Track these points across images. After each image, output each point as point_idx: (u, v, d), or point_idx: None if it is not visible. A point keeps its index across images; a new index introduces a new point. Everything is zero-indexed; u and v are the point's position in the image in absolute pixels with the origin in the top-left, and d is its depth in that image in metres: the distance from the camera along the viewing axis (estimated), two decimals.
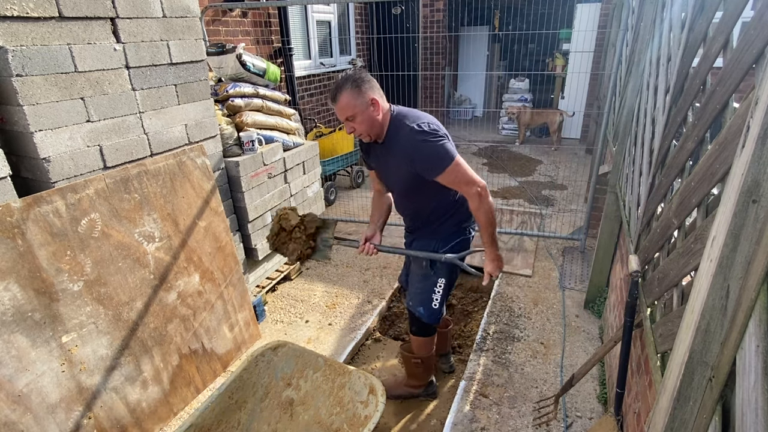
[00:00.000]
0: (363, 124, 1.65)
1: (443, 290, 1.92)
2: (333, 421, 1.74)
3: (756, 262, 0.65)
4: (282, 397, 1.81)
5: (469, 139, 7.60)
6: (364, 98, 1.61)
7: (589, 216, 3.50)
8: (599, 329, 2.68)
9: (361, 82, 1.60)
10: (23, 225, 1.58)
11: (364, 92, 1.60)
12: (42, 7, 1.65)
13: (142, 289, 1.98)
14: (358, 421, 1.67)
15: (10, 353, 1.54)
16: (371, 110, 1.63)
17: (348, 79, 1.61)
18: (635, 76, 2.38)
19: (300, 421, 1.77)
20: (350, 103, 1.60)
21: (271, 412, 1.79)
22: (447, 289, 1.96)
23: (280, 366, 1.83)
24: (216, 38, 3.92)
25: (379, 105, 1.64)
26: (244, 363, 1.75)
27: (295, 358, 1.84)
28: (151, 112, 2.15)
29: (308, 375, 1.81)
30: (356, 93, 1.60)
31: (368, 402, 1.68)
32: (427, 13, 6.87)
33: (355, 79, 1.60)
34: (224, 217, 2.45)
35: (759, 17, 0.86)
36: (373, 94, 1.62)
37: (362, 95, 1.60)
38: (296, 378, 1.82)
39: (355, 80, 1.60)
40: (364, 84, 1.61)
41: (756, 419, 0.60)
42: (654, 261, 1.49)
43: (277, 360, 1.83)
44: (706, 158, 1.05)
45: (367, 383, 1.73)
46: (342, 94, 1.60)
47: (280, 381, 1.82)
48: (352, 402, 1.72)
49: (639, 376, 1.59)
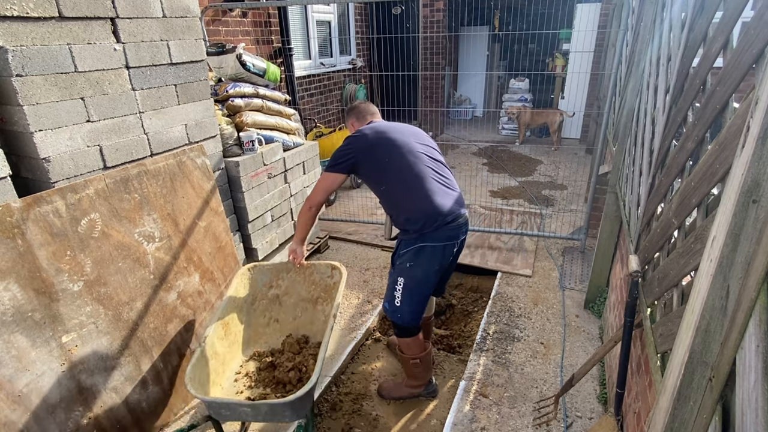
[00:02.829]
0: None
1: (403, 290, 1.97)
2: (312, 295, 2.26)
3: (756, 262, 0.65)
4: (269, 295, 2.26)
5: (469, 139, 7.60)
6: (348, 122, 2.29)
7: (589, 216, 3.50)
8: (599, 329, 2.68)
9: (349, 112, 2.28)
10: (23, 225, 1.58)
11: (348, 120, 2.29)
12: (42, 7, 1.65)
13: (142, 289, 1.98)
14: (330, 287, 2.23)
15: (10, 353, 1.54)
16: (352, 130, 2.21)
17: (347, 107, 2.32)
18: (635, 76, 2.38)
19: (288, 304, 2.28)
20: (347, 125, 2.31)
21: (263, 307, 2.25)
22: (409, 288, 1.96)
23: (259, 278, 2.24)
24: (216, 38, 3.92)
25: (352, 125, 2.24)
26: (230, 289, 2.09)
27: (268, 270, 2.26)
28: (151, 112, 2.15)
29: (283, 276, 2.27)
30: (346, 117, 2.30)
31: (333, 275, 2.22)
32: (427, 13, 6.87)
33: (348, 108, 2.30)
34: (224, 217, 2.45)
35: (759, 17, 0.86)
36: (352, 119, 2.25)
37: (347, 122, 2.30)
38: (275, 281, 2.27)
39: (348, 109, 2.29)
40: (348, 114, 2.28)
41: (756, 419, 0.60)
42: (654, 261, 1.49)
43: (254, 275, 2.23)
44: (706, 158, 1.05)
45: (328, 265, 2.24)
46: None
47: (263, 287, 2.25)
48: (322, 279, 2.24)
49: (639, 376, 1.59)
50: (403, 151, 1.95)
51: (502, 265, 3.41)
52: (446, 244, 1.94)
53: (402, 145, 1.96)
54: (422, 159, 1.97)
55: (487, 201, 4.73)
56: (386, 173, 1.95)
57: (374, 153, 1.97)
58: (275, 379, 2.02)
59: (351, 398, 2.36)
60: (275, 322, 2.27)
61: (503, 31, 8.99)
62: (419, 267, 1.94)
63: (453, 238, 1.95)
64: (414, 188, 1.91)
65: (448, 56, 7.67)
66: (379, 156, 1.96)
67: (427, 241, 1.92)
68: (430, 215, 1.89)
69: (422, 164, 1.95)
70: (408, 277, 1.96)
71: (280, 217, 3.14)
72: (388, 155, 1.94)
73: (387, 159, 1.94)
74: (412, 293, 1.97)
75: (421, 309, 2.03)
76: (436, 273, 1.97)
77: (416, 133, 2.08)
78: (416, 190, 1.91)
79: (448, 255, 1.98)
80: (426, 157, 1.99)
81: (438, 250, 1.93)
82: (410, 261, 1.94)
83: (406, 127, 2.09)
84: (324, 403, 2.32)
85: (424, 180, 1.92)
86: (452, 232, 1.94)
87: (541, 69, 9.07)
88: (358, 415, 2.27)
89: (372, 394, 2.39)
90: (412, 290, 1.97)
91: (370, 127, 2.05)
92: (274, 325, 2.26)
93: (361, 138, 2.00)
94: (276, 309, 2.27)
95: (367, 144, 1.98)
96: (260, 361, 2.13)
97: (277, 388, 2.00)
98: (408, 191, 1.92)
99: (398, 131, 2.02)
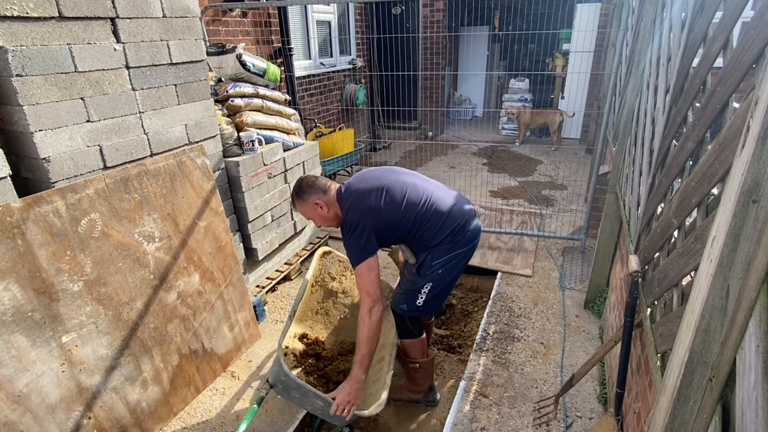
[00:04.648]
0: (319, 221, 1.94)
1: (430, 292, 1.98)
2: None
3: (756, 262, 0.65)
4: (329, 286, 2.45)
5: (469, 139, 7.60)
6: (308, 204, 1.89)
7: (589, 216, 3.50)
8: (599, 329, 2.68)
9: (302, 192, 1.89)
10: (23, 225, 1.58)
11: (306, 199, 1.88)
12: (42, 7, 1.65)
13: (142, 289, 1.98)
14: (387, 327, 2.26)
15: (10, 353, 1.54)
16: (318, 210, 1.90)
17: (294, 192, 1.92)
18: (635, 76, 2.38)
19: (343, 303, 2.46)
20: (302, 211, 1.94)
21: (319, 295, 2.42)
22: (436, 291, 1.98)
23: (328, 265, 2.43)
24: (216, 38, 3.92)
25: (321, 203, 1.88)
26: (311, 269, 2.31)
27: (339, 262, 2.46)
28: (151, 112, 2.15)
29: (348, 276, 2.44)
30: (301, 202, 1.90)
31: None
32: (427, 13, 6.87)
33: (297, 190, 1.90)
34: (224, 217, 2.46)
35: (759, 17, 0.86)
36: (315, 197, 1.87)
37: (306, 203, 1.89)
38: (340, 276, 2.45)
39: (298, 191, 1.90)
40: (305, 192, 1.88)
41: (756, 419, 0.60)
42: (654, 261, 1.49)
43: (325, 262, 2.43)
44: (706, 158, 1.05)
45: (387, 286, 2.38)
46: (295, 206, 1.95)
47: (327, 275, 2.43)
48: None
49: (639, 376, 1.59)
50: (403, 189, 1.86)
51: (502, 265, 3.41)
52: (473, 244, 1.98)
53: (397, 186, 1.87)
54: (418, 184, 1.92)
55: (487, 201, 4.73)
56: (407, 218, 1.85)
57: (388, 212, 1.82)
58: (322, 372, 2.14)
59: None
60: (325, 314, 2.43)
61: (503, 31, 8.99)
62: (450, 272, 1.96)
63: (476, 236, 2.00)
64: (436, 211, 1.87)
65: (448, 56, 7.67)
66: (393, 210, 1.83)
67: (459, 248, 1.92)
68: (458, 224, 1.90)
69: (422, 187, 1.92)
70: (437, 282, 1.96)
71: (280, 217, 3.14)
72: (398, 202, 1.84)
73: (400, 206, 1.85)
74: (438, 294, 2.01)
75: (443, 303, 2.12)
76: (460, 272, 2.05)
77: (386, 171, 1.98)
78: (438, 212, 1.87)
79: (471, 253, 2.03)
80: (416, 179, 1.96)
81: (466, 253, 1.98)
82: (442, 268, 1.94)
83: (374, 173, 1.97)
84: None
85: (436, 199, 1.90)
86: (473, 233, 1.97)
87: (541, 69, 9.06)
88: None
89: None
90: (439, 292, 2.01)
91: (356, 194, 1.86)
92: (323, 316, 2.42)
93: (364, 209, 1.81)
94: (330, 302, 2.43)
95: (376, 210, 1.81)
96: (307, 346, 2.28)
97: (319, 381, 2.14)
98: (432, 217, 1.86)
99: (376, 179, 1.91)
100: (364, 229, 1.76)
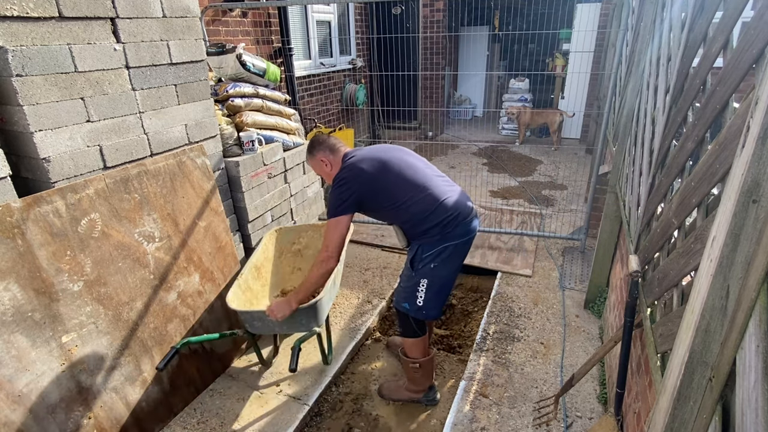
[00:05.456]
0: (326, 178, 2.08)
1: (428, 290, 1.99)
2: None
3: (756, 262, 0.65)
4: (292, 250, 2.83)
5: (469, 139, 7.60)
6: (315, 159, 2.05)
7: (589, 216, 3.50)
8: (599, 329, 2.68)
9: (312, 147, 2.05)
10: (23, 225, 1.58)
11: (315, 155, 2.04)
12: (42, 7, 1.65)
13: (142, 289, 1.98)
14: None
15: (10, 353, 1.54)
16: (324, 167, 2.04)
17: (307, 147, 2.09)
18: (635, 76, 2.38)
19: (307, 255, 2.82)
20: (311, 165, 2.11)
21: (288, 260, 2.82)
22: (434, 288, 1.98)
23: (285, 238, 2.80)
24: (216, 38, 3.92)
25: (328, 161, 2.01)
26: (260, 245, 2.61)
27: (290, 231, 2.82)
28: (151, 112, 2.15)
29: (303, 234, 2.82)
30: (311, 157, 2.06)
31: None
32: (427, 13, 6.87)
33: (309, 146, 2.07)
34: (224, 217, 2.46)
35: (759, 17, 0.86)
36: (322, 154, 2.01)
37: (314, 158, 2.05)
38: (296, 239, 2.82)
39: (310, 147, 2.06)
40: (314, 148, 2.04)
41: (756, 419, 0.60)
42: (654, 261, 1.49)
43: (280, 236, 2.79)
44: (706, 158, 1.05)
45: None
46: (307, 160, 2.13)
47: (288, 244, 2.81)
48: None
49: (639, 376, 1.59)
50: (402, 166, 1.94)
51: (502, 265, 3.41)
52: (466, 239, 1.99)
53: (397, 162, 1.94)
54: (419, 167, 1.99)
55: (487, 201, 4.73)
56: (396, 194, 1.91)
57: (377, 180, 1.89)
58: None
59: (351, 398, 2.37)
60: (298, 270, 2.83)
61: (503, 31, 8.99)
62: (443, 267, 1.97)
63: (470, 232, 2.00)
64: (428, 196, 1.91)
65: (448, 56, 7.67)
66: (383, 181, 1.90)
67: (449, 241, 1.94)
68: (450, 215, 1.92)
69: (423, 171, 1.97)
70: (433, 277, 1.97)
71: (280, 217, 3.14)
72: (392, 176, 1.90)
73: (392, 180, 1.90)
74: (438, 292, 2.01)
75: (444, 303, 2.11)
76: (457, 269, 2.05)
77: (394, 148, 2.06)
78: (431, 197, 1.91)
79: (466, 250, 2.03)
80: (421, 163, 2.02)
81: (459, 247, 1.98)
82: (433, 262, 1.95)
83: (383, 146, 2.06)
84: (324, 403, 2.32)
85: (433, 186, 1.94)
86: (468, 227, 1.98)
87: (541, 69, 9.07)
88: (358, 414, 2.27)
89: (372, 393, 2.39)
90: (437, 289, 2.00)
91: (355, 158, 1.95)
92: (297, 273, 2.82)
93: (356, 171, 1.90)
94: (298, 260, 2.83)
95: (367, 174, 1.89)
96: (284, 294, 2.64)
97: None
98: (423, 201, 1.91)
99: (382, 151, 1.99)
100: (348, 189, 1.88)
